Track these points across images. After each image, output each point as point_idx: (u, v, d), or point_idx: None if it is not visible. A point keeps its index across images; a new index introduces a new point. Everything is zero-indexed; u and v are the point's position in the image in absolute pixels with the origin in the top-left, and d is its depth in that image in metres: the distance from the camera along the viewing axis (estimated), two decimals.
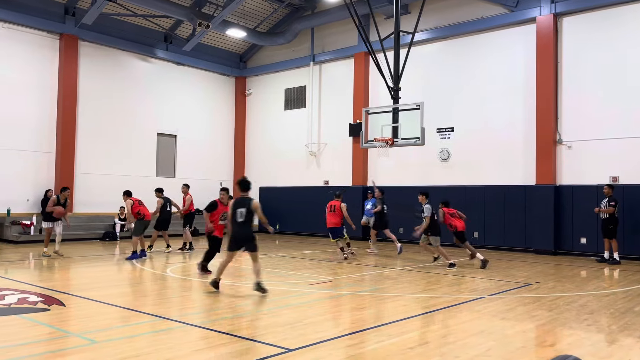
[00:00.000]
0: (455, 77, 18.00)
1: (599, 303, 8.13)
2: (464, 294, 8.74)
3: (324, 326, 6.47)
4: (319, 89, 21.91)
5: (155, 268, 11.59)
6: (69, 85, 18.66)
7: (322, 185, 21.42)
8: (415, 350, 5.45)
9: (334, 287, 9.50)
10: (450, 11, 18.17)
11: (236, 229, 8.44)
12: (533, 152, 16.10)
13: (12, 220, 17.09)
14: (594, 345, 5.81)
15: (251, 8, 21.34)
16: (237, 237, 8.45)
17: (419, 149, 16.92)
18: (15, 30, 17.68)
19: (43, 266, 11.78)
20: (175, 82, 22.13)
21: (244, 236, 8.43)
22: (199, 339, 5.80)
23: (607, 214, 13.36)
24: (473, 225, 17.22)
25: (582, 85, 15.51)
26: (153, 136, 21.41)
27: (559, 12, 15.78)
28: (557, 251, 15.50)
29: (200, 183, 21.85)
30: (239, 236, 8.44)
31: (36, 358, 5.10)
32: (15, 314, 6.85)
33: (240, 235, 8.43)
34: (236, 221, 8.38)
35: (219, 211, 10.55)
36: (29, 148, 17.95)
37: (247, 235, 8.44)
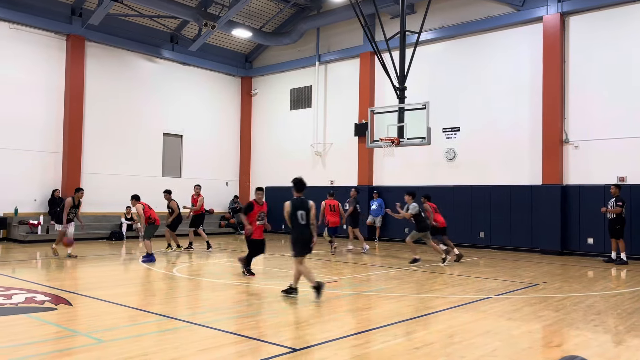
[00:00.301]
0: (461, 77, 17.96)
1: (606, 303, 8.09)
2: (470, 294, 8.72)
3: (330, 326, 6.47)
4: (324, 88, 21.91)
5: (162, 268, 11.63)
6: (75, 85, 18.76)
7: (328, 185, 21.43)
8: (421, 351, 5.44)
9: (340, 287, 9.50)
10: (456, 11, 18.12)
11: (299, 232, 7.97)
12: (539, 152, 16.03)
13: (19, 220, 17.20)
14: (601, 346, 5.79)
15: (257, 8, 21.36)
16: (304, 240, 7.98)
17: (424, 148, 16.90)
18: (22, 31, 17.79)
19: (50, 266, 11.85)
20: (181, 82, 22.20)
21: (309, 239, 8.00)
22: (205, 339, 5.82)
23: (614, 214, 13.30)
24: (479, 225, 17.20)
25: (589, 85, 15.43)
26: (159, 136, 21.48)
27: (566, 11, 15.71)
28: (564, 251, 15.43)
29: (206, 183, 21.88)
30: (306, 239, 7.98)
31: (43, 357, 5.13)
32: (23, 313, 6.89)
33: (307, 238, 7.98)
34: (299, 224, 7.93)
35: (255, 212, 10.18)
36: (36, 148, 18.06)
37: (310, 238, 8.03)
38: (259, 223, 10.19)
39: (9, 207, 17.38)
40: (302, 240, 7.99)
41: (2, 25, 17.39)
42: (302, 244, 8.01)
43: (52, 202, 18.00)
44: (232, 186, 23.86)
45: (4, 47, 17.45)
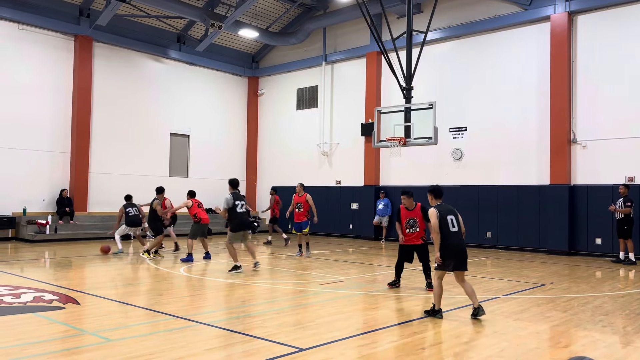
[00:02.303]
0: (468, 76, 17.90)
1: (614, 304, 8.04)
2: (477, 294, 8.66)
3: (336, 326, 6.47)
4: (331, 88, 21.91)
5: (169, 267, 11.67)
6: (83, 86, 18.86)
7: (334, 185, 21.43)
8: (428, 351, 5.43)
9: (346, 286, 9.50)
10: (463, 10, 18.07)
11: (455, 241, 6.87)
12: (547, 152, 15.95)
13: (28, 220, 17.32)
14: (609, 347, 5.75)
15: (263, 8, 21.39)
16: (459, 250, 6.89)
17: (431, 148, 16.85)
18: (30, 32, 17.90)
19: (58, 265, 11.92)
20: (188, 82, 22.27)
21: (464, 249, 6.94)
22: (211, 338, 5.83)
23: (622, 214, 13.21)
24: (486, 225, 17.14)
25: (597, 84, 15.33)
26: (166, 136, 21.57)
27: (574, 10, 15.62)
28: (572, 251, 15.35)
29: (212, 183, 21.99)
30: (462, 249, 6.91)
31: (51, 356, 5.17)
32: (31, 312, 6.94)
33: (463, 248, 6.92)
34: (450, 231, 6.87)
35: (403, 218, 9.07)
36: (44, 148, 18.18)
37: (465, 249, 6.97)
38: (409, 231, 9.00)
39: (18, 206, 17.51)
40: (459, 249, 6.93)
41: (11, 26, 17.51)
42: (459, 255, 6.94)
43: (60, 202, 18.11)
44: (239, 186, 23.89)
45: (13, 48, 17.58)
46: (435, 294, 6.99)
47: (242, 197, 11.01)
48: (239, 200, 10.77)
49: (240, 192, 11.13)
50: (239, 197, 10.88)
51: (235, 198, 10.73)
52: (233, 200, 10.66)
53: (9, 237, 17.31)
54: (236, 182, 11.16)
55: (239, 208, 10.73)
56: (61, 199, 18.14)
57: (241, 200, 10.83)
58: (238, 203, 10.70)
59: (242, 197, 11.01)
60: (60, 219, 17.96)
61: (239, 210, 10.72)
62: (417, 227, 8.88)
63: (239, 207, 10.71)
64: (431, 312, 6.97)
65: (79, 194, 18.76)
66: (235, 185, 11.07)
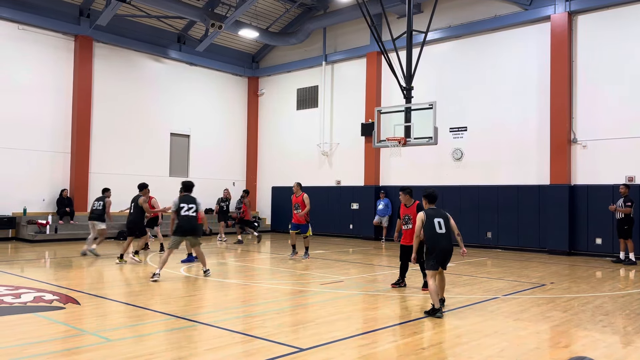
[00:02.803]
0: (469, 76, 17.90)
1: (614, 304, 8.04)
2: (478, 294, 8.69)
3: (337, 326, 6.47)
4: (331, 88, 21.91)
5: (169, 267, 11.66)
6: (83, 86, 18.87)
7: (334, 185, 21.43)
8: (428, 351, 5.43)
9: (346, 286, 9.50)
10: (463, 10, 18.07)
11: (443, 242, 7.19)
12: (547, 152, 15.95)
13: (28, 220, 17.32)
14: (609, 347, 5.75)
15: (263, 8, 21.39)
16: (446, 251, 7.25)
17: (431, 148, 16.84)
18: (30, 32, 17.91)
19: (58, 265, 11.92)
20: (188, 82, 22.27)
21: (451, 251, 7.30)
22: (212, 338, 5.83)
23: (623, 214, 13.21)
24: (486, 225, 17.14)
25: (597, 84, 15.33)
26: (166, 136, 21.57)
27: (574, 10, 15.62)
28: (572, 251, 15.35)
29: (212, 183, 21.99)
30: (448, 250, 7.26)
31: (52, 356, 5.17)
32: (31, 312, 6.94)
33: (449, 249, 7.27)
34: (437, 233, 7.21)
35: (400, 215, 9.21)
36: (44, 148, 18.18)
37: (451, 250, 7.33)
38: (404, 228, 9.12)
39: (18, 206, 17.51)
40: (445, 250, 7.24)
41: (11, 26, 17.51)
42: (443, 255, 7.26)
43: (60, 202, 18.12)
44: (239, 186, 23.88)
45: (13, 48, 17.58)
46: (431, 292, 7.10)
47: (191, 200, 10.33)
48: (185, 202, 10.23)
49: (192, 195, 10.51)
50: (188, 200, 10.31)
51: (182, 201, 10.25)
52: (178, 203, 10.23)
53: (9, 237, 17.31)
54: (187, 184, 10.71)
55: (183, 211, 10.17)
56: (61, 199, 18.15)
57: (189, 204, 10.24)
58: (183, 206, 10.19)
59: (192, 200, 10.32)
60: (61, 219, 17.96)
61: (182, 213, 10.18)
62: (411, 224, 8.91)
63: (183, 210, 10.17)
64: (431, 312, 7.00)
65: (79, 194, 18.76)
66: (187, 188, 10.62)
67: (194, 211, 10.25)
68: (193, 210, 10.23)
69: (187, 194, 10.47)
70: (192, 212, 10.22)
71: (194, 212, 10.23)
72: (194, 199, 10.41)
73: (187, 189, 10.60)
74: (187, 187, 10.63)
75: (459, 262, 13.04)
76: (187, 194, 10.47)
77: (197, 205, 10.35)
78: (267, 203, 23.78)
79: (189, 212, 10.18)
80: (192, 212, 10.22)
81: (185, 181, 10.78)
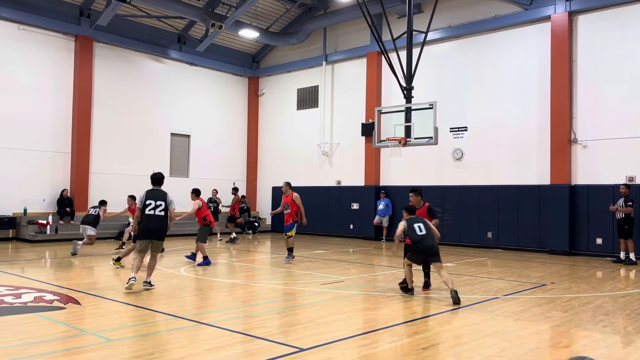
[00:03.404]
0: (469, 76, 17.90)
1: (614, 304, 8.04)
2: (478, 295, 8.69)
3: (337, 326, 6.47)
4: (331, 88, 21.91)
5: (169, 267, 11.67)
6: (83, 86, 18.87)
7: (335, 185, 21.43)
8: (429, 351, 5.43)
9: (347, 287, 9.50)
10: (463, 10, 18.06)
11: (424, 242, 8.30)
12: (547, 152, 15.95)
13: (28, 220, 17.32)
14: (609, 347, 5.75)
15: (264, 8, 21.39)
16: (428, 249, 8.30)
17: (431, 148, 16.84)
18: (31, 32, 17.91)
19: (59, 265, 11.92)
20: (188, 82, 22.28)
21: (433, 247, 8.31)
22: (212, 338, 5.83)
23: (623, 214, 13.21)
24: (486, 225, 17.14)
25: (597, 84, 15.33)
26: (167, 136, 21.57)
27: (574, 10, 15.61)
28: (572, 252, 15.34)
29: (213, 183, 21.98)
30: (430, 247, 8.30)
31: (52, 356, 5.17)
32: (32, 312, 6.94)
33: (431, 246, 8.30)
34: (417, 234, 8.33)
35: None
36: (44, 148, 18.19)
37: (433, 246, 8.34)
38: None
39: (18, 206, 17.51)
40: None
41: (11, 26, 17.52)
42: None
43: (60, 202, 18.12)
44: (240, 186, 23.90)
45: (13, 48, 17.58)
46: (406, 274, 8.62)
47: (161, 196, 8.75)
48: (153, 199, 8.62)
49: (162, 189, 8.90)
50: (157, 196, 8.72)
51: (148, 197, 8.66)
52: (144, 199, 8.65)
53: (10, 237, 17.31)
54: (156, 176, 9.00)
55: (149, 209, 8.56)
56: (62, 199, 18.15)
57: (157, 200, 8.63)
58: (150, 202, 8.57)
59: (162, 197, 8.74)
60: (61, 219, 17.97)
61: (147, 211, 8.55)
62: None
63: (149, 207, 8.56)
64: (404, 289, 8.62)
65: (80, 194, 18.76)
66: (156, 181, 8.97)
67: (163, 209, 8.68)
68: (161, 209, 8.66)
69: (156, 188, 8.87)
70: (160, 211, 8.65)
71: (162, 211, 8.66)
72: (165, 194, 8.78)
73: (156, 181, 8.95)
74: (156, 180, 8.96)
75: (459, 262, 13.04)
76: (156, 188, 8.87)
77: (167, 202, 8.74)
78: (267, 203, 23.76)
79: (156, 210, 8.61)
80: (160, 210, 8.65)
81: (154, 173, 9.08)
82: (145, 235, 8.62)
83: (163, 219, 8.65)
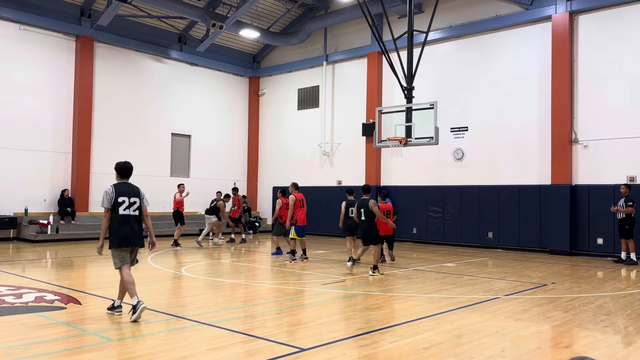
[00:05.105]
0: (470, 76, 17.89)
1: (615, 304, 8.04)
2: (478, 295, 8.69)
3: (338, 326, 6.47)
4: (332, 88, 21.91)
5: (170, 267, 11.68)
6: (84, 86, 18.89)
7: (336, 185, 21.43)
8: (429, 351, 5.43)
9: (347, 287, 9.50)
10: (464, 10, 18.06)
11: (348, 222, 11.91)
12: (548, 152, 15.94)
13: (29, 220, 17.34)
14: (610, 347, 5.74)
15: (264, 8, 21.40)
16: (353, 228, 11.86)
17: (432, 148, 16.86)
18: (32, 32, 17.93)
19: (60, 265, 11.93)
20: (189, 82, 22.29)
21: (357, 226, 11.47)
22: (212, 338, 5.83)
23: (624, 214, 13.20)
24: (487, 225, 17.14)
25: (598, 84, 15.32)
26: (167, 136, 21.58)
27: (575, 10, 15.61)
28: (573, 252, 15.33)
29: (213, 183, 21.99)
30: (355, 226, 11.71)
31: (53, 356, 5.17)
32: (33, 312, 6.95)
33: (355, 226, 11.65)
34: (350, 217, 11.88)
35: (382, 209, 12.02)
36: (45, 148, 18.20)
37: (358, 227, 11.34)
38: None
39: (19, 206, 17.53)
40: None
41: (12, 26, 17.54)
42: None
43: (61, 202, 18.14)
44: (240, 186, 23.91)
45: (14, 48, 17.60)
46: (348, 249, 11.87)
47: (134, 191, 6.89)
48: (125, 196, 6.74)
49: (132, 184, 7.02)
50: (129, 191, 6.84)
51: (119, 192, 6.73)
52: (114, 196, 6.69)
53: (11, 237, 17.33)
54: (126, 166, 7.04)
55: (123, 208, 6.70)
56: (62, 199, 18.16)
57: (130, 197, 6.79)
58: (123, 200, 6.71)
59: (135, 192, 6.89)
60: (62, 219, 17.98)
61: (121, 212, 6.68)
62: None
63: (123, 206, 6.70)
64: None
65: (80, 194, 18.78)
66: (124, 172, 7.00)
67: (138, 208, 6.88)
68: (136, 207, 6.86)
69: (126, 182, 6.98)
70: (135, 210, 6.84)
71: (136, 210, 6.86)
72: (139, 189, 6.98)
73: (125, 173, 7.00)
74: (126, 171, 7.01)
75: (460, 262, 13.04)
76: (126, 182, 6.98)
77: (141, 199, 6.95)
78: (268, 203, 23.77)
79: (131, 209, 6.79)
80: (135, 209, 6.84)
81: (122, 162, 7.09)
82: (124, 241, 6.73)
83: (140, 220, 6.90)
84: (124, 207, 6.71)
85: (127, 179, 7.00)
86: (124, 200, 6.71)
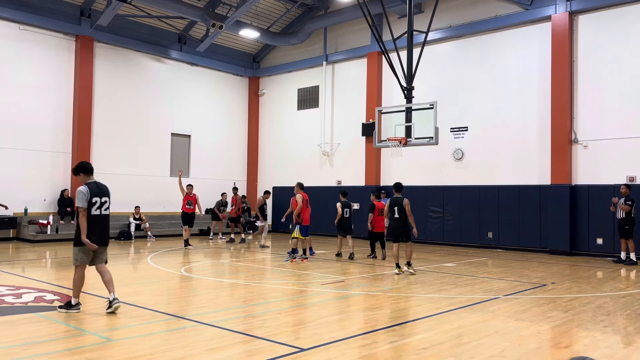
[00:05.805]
0: (469, 76, 17.89)
1: (615, 304, 8.04)
2: (478, 295, 8.69)
3: (337, 326, 6.47)
4: (331, 88, 21.91)
5: (170, 267, 11.68)
6: (84, 86, 18.88)
7: (335, 185, 21.42)
8: (429, 351, 5.43)
9: (347, 287, 9.50)
10: (464, 10, 18.06)
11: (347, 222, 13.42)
12: (548, 152, 15.94)
13: (29, 220, 17.34)
14: (610, 347, 5.75)
15: (264, 8, 21.39)
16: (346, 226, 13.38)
17: (432, 148, 16.86)
18: (31, 32, 17.92)
19: (59, 265, 11.93)
20: (189, 82, 22.28)
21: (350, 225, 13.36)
22: (212, 338, 5.83)
23: (624, 213, 13.21)
24: (487, 225, 17.14)
25: (598, 84, 15.33)
26: (167, 136, 21.57)
27: (575, 10, 15.61)
28: (573, 252, 15.34)
29: (213, 183, 22.00)
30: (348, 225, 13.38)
31: (53, 355, 5.17)
32: (33, 312, 6.95)
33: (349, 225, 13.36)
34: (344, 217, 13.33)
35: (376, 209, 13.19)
36: (45, 148, 18.19)
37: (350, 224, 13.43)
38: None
39: (19, 206, 17.52)
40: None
41: (12, 26, 17.53)
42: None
43: (61, 202, 18.13)
44: (240, 186, 23.91)
45: (14, 48, 17.59)
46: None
47: (105, 191, 7.02)
48: (97, 196, 6.86)
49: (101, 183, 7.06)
50: (101, 191, 6.95)
51: (93, 193, 6.82)
52: (89, 196, 6.78)
53: (11, 237, 17.33)
54: (90, 166, 7.12)
55: (95, 208, 6.84)
56: (62, 199, 18.16)
57: (102, 197, 6.92)
58: (95, 201, 6.83)
59: (106, 192, 7.03)
60: (62, 219, 17.98)
61: (93, 212, 6.81)
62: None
63: (95, 206, 6.84)
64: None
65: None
66: (90, 171, 7.04)
67: (107, 207, 7.06)
68: (106, 207, 7.04)
69: (96, 181, 7.02)
70: (106, 210, 7.01)
71: (107, 209, 7.04)
72: (107, 188, 7.10)
73: (90, 171, 7.08)
74: (91, 170, 7.10)
75: (460, 262, 13.04)
76: (96, 181, 7.02)
77: (109, 198, 7.15)
78: (268, 203, 23.70)
79: (102, 209, 6.95)
80: (106, 209, 7.01)
81: (85, 162, 7.15)
82: (99, 240, 6.92)
83: (109, 220, 7.06)
84: (95, 207, 6.88)
85: (92, 176, 7.11)
86: (96, 200, 6.88)
